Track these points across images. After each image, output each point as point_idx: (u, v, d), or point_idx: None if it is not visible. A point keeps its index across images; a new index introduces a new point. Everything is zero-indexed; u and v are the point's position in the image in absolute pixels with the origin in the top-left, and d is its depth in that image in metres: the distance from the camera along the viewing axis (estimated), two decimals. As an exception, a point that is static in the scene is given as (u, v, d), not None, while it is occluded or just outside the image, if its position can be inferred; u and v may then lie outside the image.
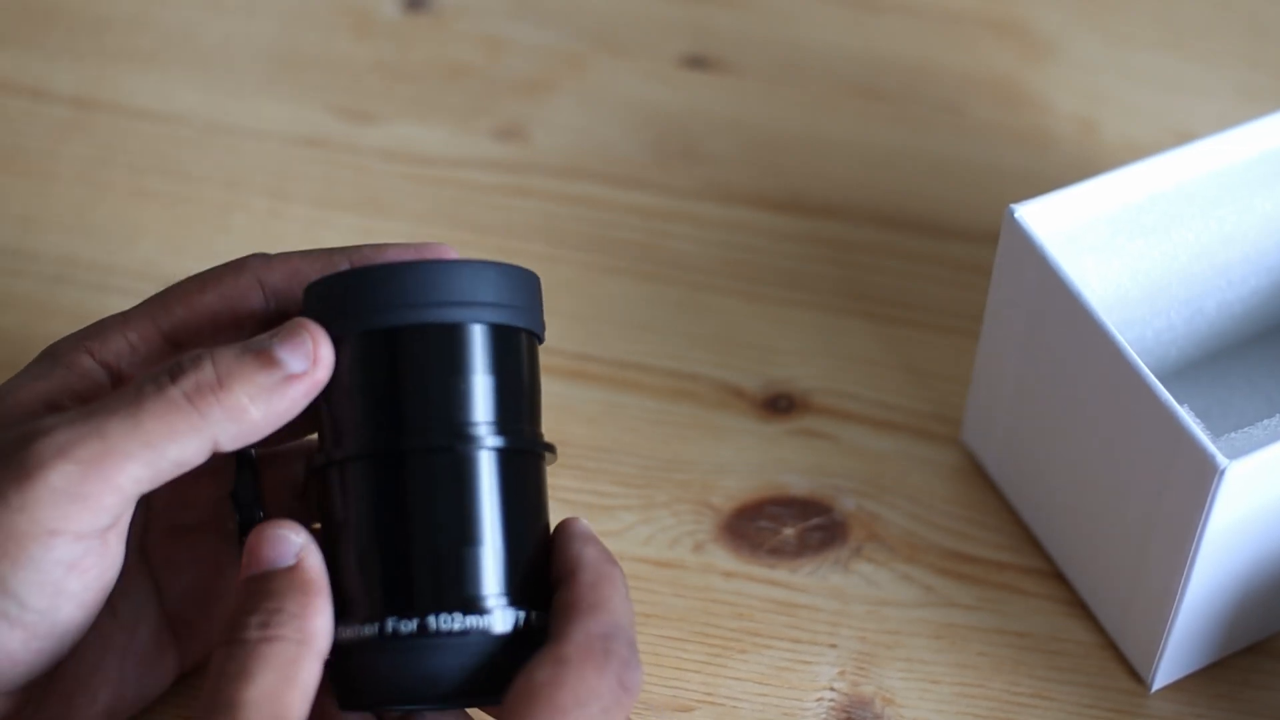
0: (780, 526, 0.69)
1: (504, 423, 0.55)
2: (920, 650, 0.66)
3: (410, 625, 0.53)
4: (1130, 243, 0.65)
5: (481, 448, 0.54)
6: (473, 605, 0.53)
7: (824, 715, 0.65)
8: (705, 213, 0.77)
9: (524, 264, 0.57)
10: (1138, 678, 0.65)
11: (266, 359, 0.53)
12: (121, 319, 0.57)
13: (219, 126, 0.79)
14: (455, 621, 0.53)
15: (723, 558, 0.68)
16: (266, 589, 0.53)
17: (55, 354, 0.57)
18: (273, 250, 0.66)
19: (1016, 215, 0.63)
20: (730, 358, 0.73)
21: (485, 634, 0.53)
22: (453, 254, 0.58)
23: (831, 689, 0.65)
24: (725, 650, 0.66)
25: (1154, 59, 0.83)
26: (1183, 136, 0.80)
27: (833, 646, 0.66)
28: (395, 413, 0.54)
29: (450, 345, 0.55)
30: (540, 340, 0.58)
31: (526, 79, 0.81)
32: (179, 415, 0.52)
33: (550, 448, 0.57)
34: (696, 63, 0.82)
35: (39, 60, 0.81)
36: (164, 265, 0.74)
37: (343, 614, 0.54)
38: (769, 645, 0.66)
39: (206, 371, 0.53)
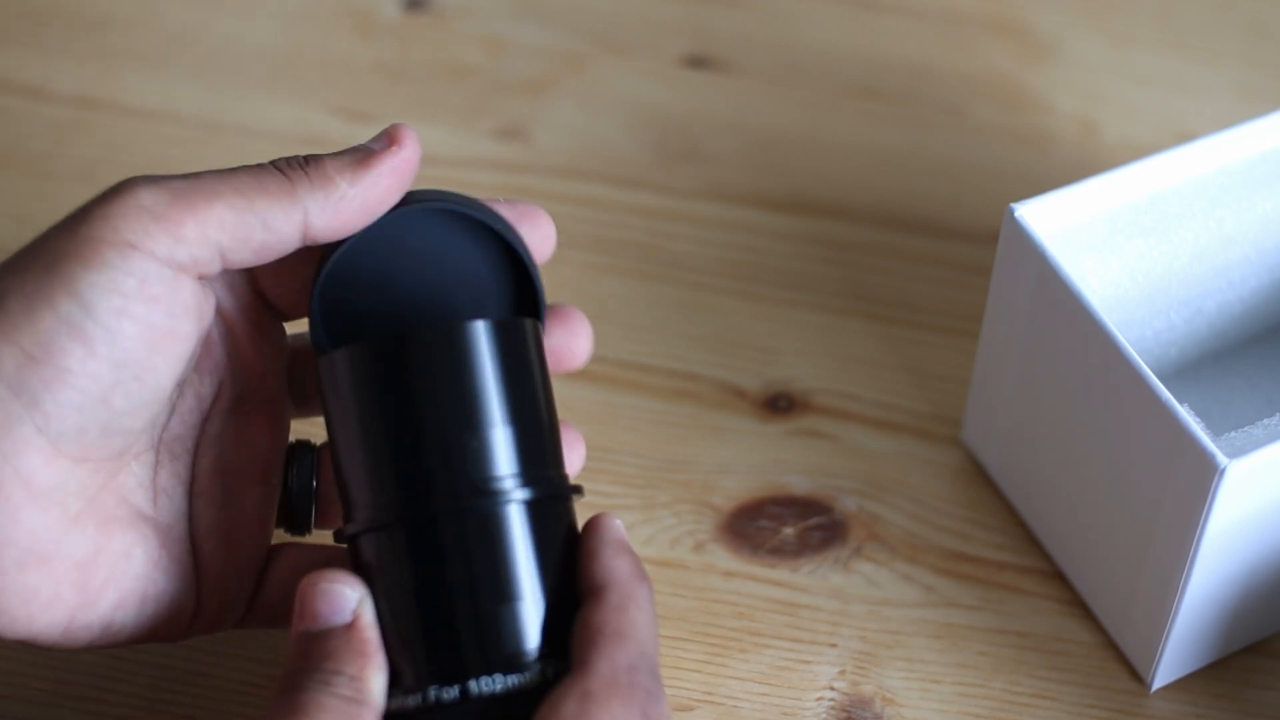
0: (780, 526, 0.69)
1: (529, 472, 0.54)
2: (921, 650, 0.66)
3: (452, 692, 0.52)
4: (1130, 243, 0.65)
5: (510, 502, 0.53)
6: (512, 665, 0.53)
7: (824, 715, 0.65)
8: (705, 213, 0.77)
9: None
10: (1138, 677, 0.66)
11: (351, 149, 0.55)
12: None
13: (219, 126, 0.79)
14: (496, 683, 0.52)
15: (723, 557, 0.68)
16: (324, 649, 0.53)
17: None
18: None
19: (1016, 215, 0.63)
20: (730, 358, 0.73)
21: (526, 690, 0.53)
22: (542, 215, 0.59)
23: (832, 689, 0.65)
24: (725, 650, 0.66)
25: (1154, 59, 0.83)
26: (1183, 136, 0.80)
27: (833, 646, 0.66)
28: (420, 476, 0.53)
29: (469, 396, 0.54)
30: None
31: (527, 79, 0.81)
32: (271, 176, 0.54)
33: (577, 488, 0.56)
34: (697, 63, 0.82)
35: (39, 60, 0.81)
36: (164, 265, 0.74)
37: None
38: (769, 645, 0.66)
39: (295, 158, 0.55)
